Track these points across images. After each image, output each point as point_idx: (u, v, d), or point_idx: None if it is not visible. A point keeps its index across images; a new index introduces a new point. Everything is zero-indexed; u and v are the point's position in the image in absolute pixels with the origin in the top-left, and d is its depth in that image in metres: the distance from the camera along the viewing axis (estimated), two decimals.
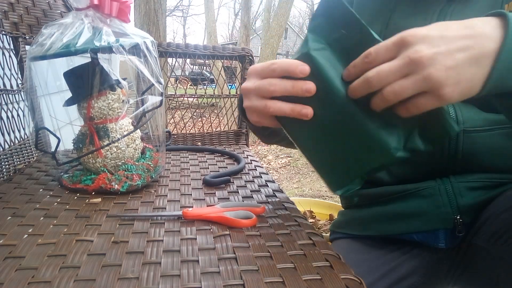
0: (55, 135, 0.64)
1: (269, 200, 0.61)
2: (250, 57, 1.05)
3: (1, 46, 0.72)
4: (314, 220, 1.69)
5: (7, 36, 0.75)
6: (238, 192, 0.64)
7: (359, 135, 0.43)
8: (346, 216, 0.76)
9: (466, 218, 0.60)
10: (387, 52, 0.39)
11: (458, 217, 0.60)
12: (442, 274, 0.66)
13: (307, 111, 0.44)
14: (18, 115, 0.76)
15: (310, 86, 0.43)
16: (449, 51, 0.37)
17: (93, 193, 0.61)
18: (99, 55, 0.61)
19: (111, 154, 0.63)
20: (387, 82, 0.39)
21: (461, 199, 0.60)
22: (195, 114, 1.10)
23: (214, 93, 1.09)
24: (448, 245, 0.63)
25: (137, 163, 0.66)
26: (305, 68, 0.43)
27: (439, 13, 0.58)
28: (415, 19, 0.60)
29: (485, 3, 0.55)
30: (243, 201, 0.60)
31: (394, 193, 0.64)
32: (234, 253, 0.43)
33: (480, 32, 0.38)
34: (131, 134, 0.66)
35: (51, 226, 0.48)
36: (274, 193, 0.65)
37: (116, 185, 0.60)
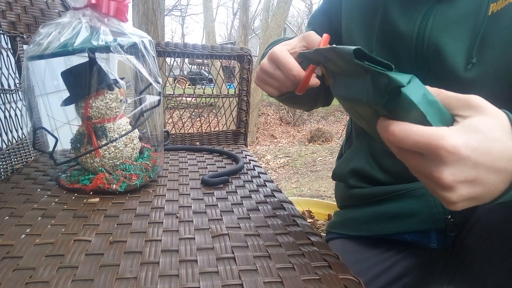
0: (52, 135, 0.64)
1: (268, 200, 0.61)
2: (249, 57, 1.05)
3: None
4: (312, 220, 1.69)
5: (5, 36, 0.75)
6: (236, 192, 0.64)
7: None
8: (341, 217, 0.76)
9: (457, 218, 0.60)
10: (413, 147, 0.33)
11: (449, 216, 0.60)
12: (437, 274, 0.67)
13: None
14: (15, 114, 0.76)
15: None
16: (471, 183, 0.32)
17: (91, 193, 0.61)
18: (97, 55, 0.61)
19: (109, 153, 0.63)
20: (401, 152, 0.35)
21: None
22: (193, 113, 1.10)
23: (212, 92, 1.08)
24: (440, 245, 0.63)
25: (135, 163, 0.65)
26: None
27: (424, 14, 0.57)
28: (401, 20, 0.59)
29: (469, 4, 0.54)
30: (241, 202, 0.60)
31: (387, 193, 0.65)
32: (233, 253, 0.43)
33: None
34: (129, 134, 0.65)
35: (49, 226, 0.48)
36: (272, 193, 0.65)
37: (114, 185, 0.60)
